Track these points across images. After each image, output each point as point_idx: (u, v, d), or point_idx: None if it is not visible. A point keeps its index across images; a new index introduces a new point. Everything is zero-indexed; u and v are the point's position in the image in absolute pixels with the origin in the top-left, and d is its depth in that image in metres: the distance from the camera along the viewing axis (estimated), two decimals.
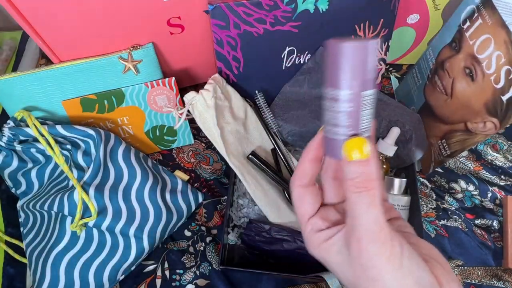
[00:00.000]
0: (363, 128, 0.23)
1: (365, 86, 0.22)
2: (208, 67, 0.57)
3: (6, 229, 0.50)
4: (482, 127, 0.44)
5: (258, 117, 0.52)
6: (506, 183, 0.57)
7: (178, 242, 0.50)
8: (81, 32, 0.44)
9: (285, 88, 0.55)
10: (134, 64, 0.47)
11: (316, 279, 0.43)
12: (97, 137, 0.46)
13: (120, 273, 0.44)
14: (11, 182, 0.48)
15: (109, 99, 0.49)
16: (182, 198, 0.50)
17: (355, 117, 0.22)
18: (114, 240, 0.44)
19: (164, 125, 0.54)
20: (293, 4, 0.46)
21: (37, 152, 0.48)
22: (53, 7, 0.40)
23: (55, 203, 0.43)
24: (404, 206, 0.48)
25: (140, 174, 0.47)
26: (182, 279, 0.48)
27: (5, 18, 0.70)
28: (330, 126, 0.23)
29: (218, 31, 0.46)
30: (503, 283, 0.49)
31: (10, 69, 0.67)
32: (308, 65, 0.54)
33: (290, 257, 0.45)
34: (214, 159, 0.58)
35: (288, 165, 0.51)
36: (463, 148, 0.48)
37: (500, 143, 0.60)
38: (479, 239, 0.52)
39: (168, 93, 0.50)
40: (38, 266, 0.43)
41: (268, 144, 0.52)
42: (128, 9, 0.44)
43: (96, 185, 0.44)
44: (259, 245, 0.46)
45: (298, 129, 0.51)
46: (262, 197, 0.47)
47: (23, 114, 0.44)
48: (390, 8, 0.52)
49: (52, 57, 0.46)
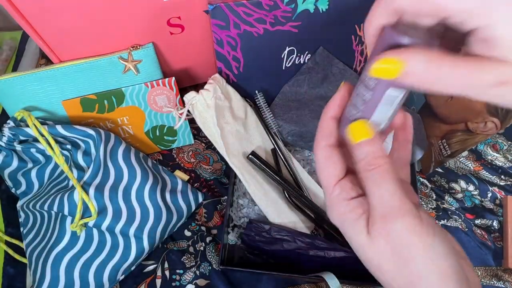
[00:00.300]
0: (377, 120, 0.23)
1: (393, 85, 0.22)
2: (208, 67, 0.57)
3: (6, 229, 0.50)
4: (483, 127, 0.44)
5: (258, 117, 0.52)
6: (506, 183, 0.57)
7: (178, 242, 0.50)
8: (81, 32, 0.44)
9: (285, 88, 0.55)
10: (134, 64, 0.47)
11: (316, 279, 0.43)
12: (97, 137, 0.46)
13: (120, 273, 0.44)
14: (11, 182, 0.48)
15: (109, 99, 0.49)
16: (182, 198, 0.50)
17: (371, 106, 0.23)
18: (114, 240, 0.44)
19: (164, 125, 0.54)
20: (293, 4, 0.46)
21: (37, 152, 0.48)
22: (53, 7, 0.40)
23: (55, 203, 0.43)
24: None
25: (140, 174, 0.47)
26: (182, 279, 0.48)
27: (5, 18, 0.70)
28: (349, 105, 0.24)
29: (218, 31, 0.46)
30: (503, 283, 0.49)
31: (10, 69, 0.67)
32: (308, 65, 0.54)
33: (290, 257, 0.45)
34: (214, 159, 0.58)
35: (288, 165, 0.51)
36: (463, 148, 0.48)
37: (500, 143, 0.60)
38: (479, 239, 0.52)
39: (168, 93, 0.50)
40: (38, 266, 0.43)
41: (268, 144, 0.52)
42: (128, 9, 0.44)
43: (96, 185, 0.44)
44: (259, 245, 0.46)
45: (298, 129, 0.51)
46: (262, 197, 0.47)
47: (23, 114, 0.44)
48: None
49: (52, 57, 0.46)
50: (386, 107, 0.23)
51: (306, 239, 0.44)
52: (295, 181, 0.50)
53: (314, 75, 0.55)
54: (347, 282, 0.42)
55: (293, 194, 0.48)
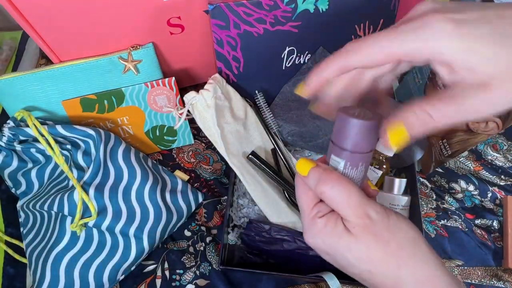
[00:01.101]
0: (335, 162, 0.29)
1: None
2: (208, 67, 0.57)
3: (6, 229, 0.50)
4: (484, 127, 0.44)
5: (258, 117, 0.52)
6: (506, 183, 0.57)
7: (178, 242, 0.50)
8: (81, 32, 0.44)
9: (285, 88, 0.55)
10: (134, 64, 0.47)
11: (316, 279, 0.43)
12: (97, 137, 0.46)
13: (120, 273, 0.44)
14: (11, 182, 0.48)
15: (109, 99, 0.49)
16: (182, 198, 0.50)
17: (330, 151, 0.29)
18: (114, 240, 0.44)
19: (164, 125, 0.54)
20: (293, 4, 0.46)
21: (37, 152, 0.48)
22: (53, 7, 0.40)
23: (55, 203, 0.43)
24: (404, 206, 0.48)
25: (140, 174, 0.47)
26: (182, 279, 0.48)
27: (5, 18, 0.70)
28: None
29: (218, 31, 0.46)
30: (503, 283, 0.49)
31: (10, 69, 0.67)
32: (308, 65, 0.54)
33: (290, 257, 0.45)
34: (214, 159, 0.58)
35: (288, 165, 0.51)
36: (464, 148, 0.48)
37: (500, 143, 0.60)
38: (479, 239, 0.52)
39: (168, 93, 0.50)
40: (38, 266, 0.43)
41: (268, 144, 0.52)
42: (128, 9, 0.44)
43: (96, 185, 0.44)
44: (259, 245, 0.46)
45: (298, 129, 0.51)
46: (262, 197, 0.47)
47: (23, 114, 0.44)
48: (390, 8, 0.52)
49: (52, 57, 0.46)
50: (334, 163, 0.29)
51: None
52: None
53: None
54: (347, 282, 0.42)
55: (293, 194, 0.48)
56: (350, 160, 0.28)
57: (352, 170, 0.28)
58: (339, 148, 0.28)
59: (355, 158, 0.27)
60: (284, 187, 0.48)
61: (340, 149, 0.28)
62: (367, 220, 0.26)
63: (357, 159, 0.28)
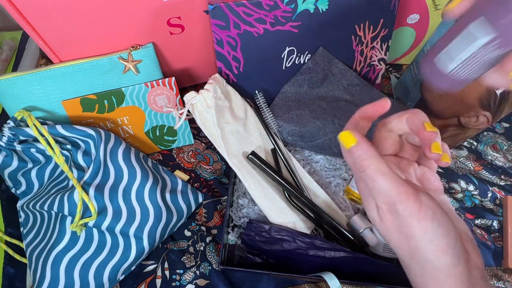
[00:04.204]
0: (451, 51, 0.26)
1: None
2: (208, 67, 0.57)
3: (6, 229, 0.50)
4: (475, 121, 0.45)
5: (258, 117, 0.52)
6: (506, 183, 0.57)
7: (178, 242, 0.50)
8: (81, 32, 0.44)
9: (285, 88, 0.55)
10: (134, 64, 0.47)
11: (316, 279, 0.43)
12: (97, 137, 0.46)
13: (120, 273, 0.44)
14: (11, 182, 0.48)
15: (109, 99, 0.49)
16: (182, 198, 0.50)
17: (449, 36, 0.26)
18: (114, 240, 0.44)
19: (164, 125, 0.54)
20: (293, 4, 0.46)
21: (37, 152, 0.48)
22: (54, 7, 0.40)
23: (55, 203, 0.43)
24: None
25: (140, 174, 0.47)
26: (182, 279, 0.48)
27: (5, 18, 0.71)
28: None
29: (218, 31, 0.46)
30: (503, 283, 0.49)
31: (10, 69, 0.67)
32: (308, 65, 0.54)
33: (290, 257, 0.45)
34: (214, 159, 0.58)
35: (288, 165, 0.51)
36: (454, 143, 0.49)
37: (500, 143, 0.60)
38: (479, 239, 0.52)
39: (168, 93, 0.50)
40: (38, 266, 0.43)
41: (268, 144, 0.52)
42: (128, 9, 0.44)
43: (96, 185, 0.44)
44: (259, 245, 0.46)
45: (298, 129, 0.51)
46: (262, 197, 0.47)
47: (23, 114, 0.44)
48: (390, 8, 0.52)
49: (52, 57, 0.46)
50: (463, 43, 0.24)
51: (306, 239, 0.44)
52: (295, 181, 0.50)
53: (314, 75, 0.55)
54: (347, 282, 0.42)
55: (293, 194, 0.48)
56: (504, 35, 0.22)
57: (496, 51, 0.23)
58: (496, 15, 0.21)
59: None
60: (284, 187, 0.48)
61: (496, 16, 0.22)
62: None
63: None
